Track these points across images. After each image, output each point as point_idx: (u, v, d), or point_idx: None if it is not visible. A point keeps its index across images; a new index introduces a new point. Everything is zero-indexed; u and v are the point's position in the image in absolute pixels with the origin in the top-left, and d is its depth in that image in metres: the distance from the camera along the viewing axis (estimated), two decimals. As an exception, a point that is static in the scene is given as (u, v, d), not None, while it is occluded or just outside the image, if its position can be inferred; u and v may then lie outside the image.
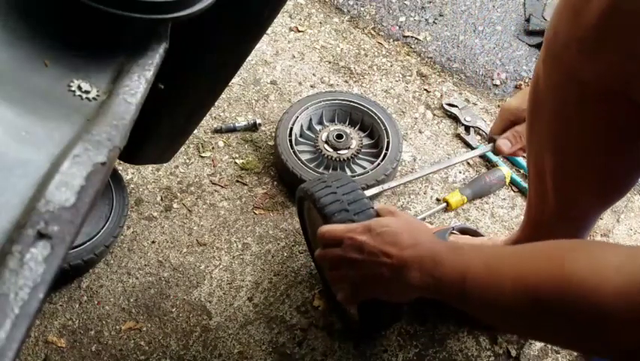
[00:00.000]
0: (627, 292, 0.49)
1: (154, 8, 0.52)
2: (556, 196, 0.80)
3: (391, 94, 1.38)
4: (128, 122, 0.48)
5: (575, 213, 0.83)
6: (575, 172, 0.76)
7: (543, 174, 0.80)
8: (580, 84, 0.65)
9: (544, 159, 0.78)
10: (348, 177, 0.91)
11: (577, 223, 0.85)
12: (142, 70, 0.52)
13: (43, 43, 0.52)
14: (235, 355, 1.00)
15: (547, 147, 0.77)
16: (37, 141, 0.44)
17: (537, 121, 0.77)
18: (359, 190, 0.88)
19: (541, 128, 0.76)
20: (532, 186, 0.86)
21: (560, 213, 0.82)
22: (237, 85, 1.36)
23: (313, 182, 0.92)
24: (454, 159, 1.16)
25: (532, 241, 0.89)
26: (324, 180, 0.91)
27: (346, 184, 0.88)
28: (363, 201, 0.86)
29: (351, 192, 0.87)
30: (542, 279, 0.56)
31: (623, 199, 1.23)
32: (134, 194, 1.17)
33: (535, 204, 0.87)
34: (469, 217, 1.19)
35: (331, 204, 0.86)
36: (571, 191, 0.79)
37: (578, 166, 0.75)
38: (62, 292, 1.04)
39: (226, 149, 1.25)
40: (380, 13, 1.56)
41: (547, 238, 0.87)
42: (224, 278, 1.08)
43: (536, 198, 0.86)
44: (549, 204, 0.82)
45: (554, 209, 0.82)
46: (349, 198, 0.86)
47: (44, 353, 0.97)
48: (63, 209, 0.39)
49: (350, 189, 0.87)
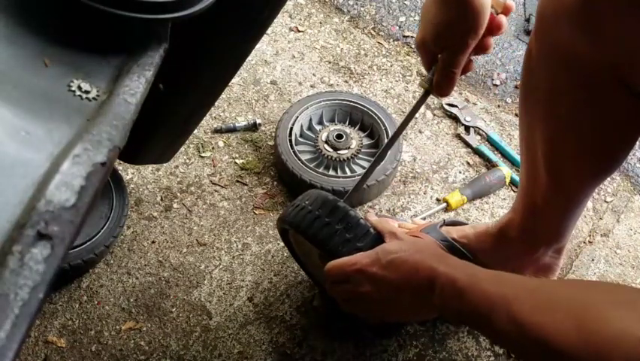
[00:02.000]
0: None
1: (154, 8, 0.52)
2: (547, 173, 0.79)
3: (391, 94, 1.38)
4: (128, 122, 0.48)
5: (567, 189, 0.82)
6: (566, 147, 0.75)
7: (534, 150, 0.79)
8: (571, 59, 0.65)
9: (535, 135, 0.77)
10: (332, 200, 0.85)
11: (567, 202, 0.83)
12: (142, 70, 0.52)
13: (43, 43, 0.52)
14: (235, 355, 1.00)
15: (538, 123, 0.76)
16: (37, 141, 0.44)
17: (529, 97, 0.76)
18: (351, 212, 0.83)
19: (532, 103, 0.75)
20: (524, 163, 0.84)
21: (552, 190, 0.81)
22: (237, 85, 1.36)
23: (297, 214, 0.85)
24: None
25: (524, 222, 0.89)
26: (310, 210, 0.84)
27: (336, 209, 0.83)
28: (360, 224, 0.82)
29: (345, 217, 0.82)
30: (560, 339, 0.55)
31: (623, 199, 1.23)
32: (134, 194, 1.17)
33: (526, 182, 0.86)
34: (469, 217, 1.19)
35: (330, 238, 0.81)
36: (562, 166, 0.78)
37: (570, 141, 0.74)
38: (62, 292, 1.04)
39: (226, 149, 1.25)
40: (380, 13, 1.56)
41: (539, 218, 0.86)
42: (224, 278, 1.08)
43: (527, 176, 0.85)
44: (540, 181, 0.81)
45: (545, 187, 0.81)
46: (345, 224, 0.81)
47: (44, 353, 0.97)
48: (63, 209, 0.39)
49: (342, 213, 0.82)
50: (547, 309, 0.59)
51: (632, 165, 1.29)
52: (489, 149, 1.28)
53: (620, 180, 1.27)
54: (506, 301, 0.62)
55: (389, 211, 1.19)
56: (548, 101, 0.72)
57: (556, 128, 0.74)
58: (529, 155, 0.82)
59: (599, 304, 0.56)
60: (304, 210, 0.85)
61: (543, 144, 0.77)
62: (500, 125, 1.34)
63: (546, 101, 0.73)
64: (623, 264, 1.15)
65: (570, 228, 0.89)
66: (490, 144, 1.31)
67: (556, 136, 0.75)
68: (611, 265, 1.14)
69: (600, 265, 1.14)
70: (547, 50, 0.68)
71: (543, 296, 0.62)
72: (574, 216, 0.87)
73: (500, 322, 0.62)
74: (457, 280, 0.68)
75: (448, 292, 0.69)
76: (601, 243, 1.17)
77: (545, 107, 0.73)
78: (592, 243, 1.17)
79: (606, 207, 1.22)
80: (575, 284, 0.65)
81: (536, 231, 0.90)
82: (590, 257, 1.15)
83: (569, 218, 0.87)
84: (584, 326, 0.53)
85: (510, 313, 0.61)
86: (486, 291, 0.65)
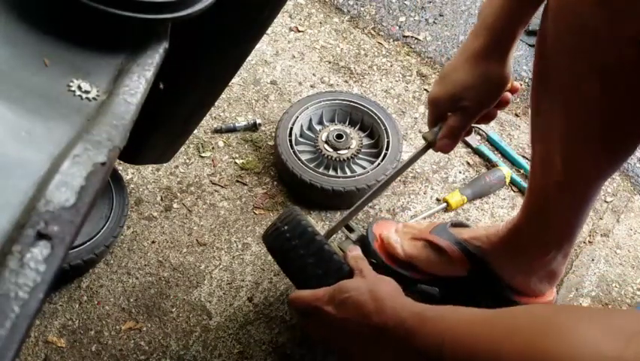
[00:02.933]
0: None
1: (154, 8, 0.52)
2: (562, 160, 0.77)
3: (391, 94, 1.38)
4: (128, 122, 0.48)
5: (580, 179, 0.79)
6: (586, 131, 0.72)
7: (549, 137, 0.77)
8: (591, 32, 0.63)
9: (552, 121, 0.75)
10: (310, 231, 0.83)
11: (580, 193, 0.81)
12: (142, 70, 0.52)
13: (43, 43, 0.52)
14: (235, 355, 1.00)
15: (557, 109, 0.74)
16: (37, 141, 0.44)
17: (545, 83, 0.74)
18: (326, 247, 0.82)
19: (549, 89, 0.73)
20: (537, 152, 0.82)
21: (565, 178, 0.79)
22: (237, 85, 1.36)
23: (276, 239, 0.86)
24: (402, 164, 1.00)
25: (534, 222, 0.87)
26: (288, 238, 0.84)
27: (312, 242, 0.82)
28: (333, 260, 0.81)
29: (318, 251, 0.81)
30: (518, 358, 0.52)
31: (623, 199, 1.23)
32: (134, 194, 1.17)
33: (539, 173, 0.83)
34: (469, 217, 1.19)
35: (302, 270, 0.81)
36: (579, 153, 0.76)
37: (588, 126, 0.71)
38: (62, 292, 1.04)
39: (226, 149, 1.25)
40: (380, 13, 1.56)
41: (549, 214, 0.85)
42: (224, 278, 1.08)
43: (541, 166, 0.82)
44: (555, 169, 0.79)
45: (560, 175, 0.79)
46: (318, 258, 0.81)
47: (44, 353, 0.97)
48: (63, 209, 0.39)
49: (316, 247, 0.81)
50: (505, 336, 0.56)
51: (632, 165, 1.29)
52: (489, 149, 1.28)
53: (620, 180, 1.27)
54: (457, 335, 0.60)
55: (389, 211, 1.19)
56: (568, 86, 0.70)
57: (577, 112, 0.71)
58: (543, 143, 0.79)
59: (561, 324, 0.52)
60: (282, 235, 0.85)
61: (562, 131, 0.74)
62: (500, 125, 1.34)
63: (565, 85, 0.70)
64: (623, 264, 1.15)
65: (579, 227, 0.87)
66: (490, 144, 1.31)
67: (577, 121, 0.72)
68: (611, 265, 1.14)
69: (600, 265, 1.14)
70: (566, 33, 0.66)
71: (498, 322, 0.59)
72: (584, 212, 0.85)
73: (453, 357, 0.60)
74: (405, 320, 0.67)
75: (397, 332, 0.67)
76: (601, 243, 1.17)
77: (565, 92, 0.71)
78: (592, 243, 1.17)
79: (606, 207, 1.22)
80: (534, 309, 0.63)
81: (547, 230, 0.88)
82: (590, 257, 1.15)
83: (580, 214, 0.85)
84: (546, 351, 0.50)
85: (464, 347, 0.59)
86: (435, 326, 0.64)
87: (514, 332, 0.55)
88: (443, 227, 0.99)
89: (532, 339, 0.52)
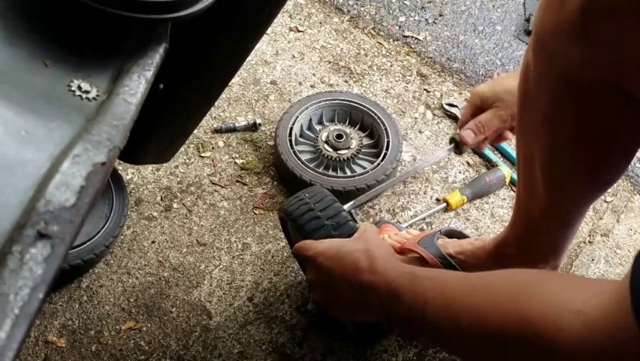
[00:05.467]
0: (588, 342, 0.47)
1: (154, 8, 0.52)
2: (545, 188, 0.79)
3: (391, 94, 1.38)
4: (128, 122, 0.48)
5: (566, 204, 0.81)
6: (566, 162, 0.74)
7: (532, 165, 0.78)
8: (571, 74, 0.64)
9: (533, 150, 0.77)
10: (324, 192, 0.90)
11: (566, 217, 0.83)
12: (142, 70, 0.52)
13: (43, 43, 0.52)
14: (235, 355, 1.00)
15: (536, 138, 0.75)
16: (37, 141, 0.44)
17: (527, 111, 0.76)
18: (343, 212, 0.87)
19: (531, 118, 0.75)
20: (522, 178, 0.84)
21: (549, 205, 0.81)
22: (237, 85, 1.36)
23: (291, 200, 0.91)
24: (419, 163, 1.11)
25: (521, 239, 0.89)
26: (301, 198, 0.89)
27: (323, 199, 0.87)
28: (348, 225, 0.85)
29: (335, 215, 0.86)
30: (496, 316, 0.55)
31: (623, 199, 1.23)
32: (134, 194, 1.17)
33: (524, 197, 0.86)
34: (469, 217, 1.19)
35: (316, 231, 0.85)
36: (560, 182, 0.77)
37: (569, 157, 0.73)
38: (62, 292, 1.04)
39: (226, 149, 1.25)
40: (380, 13, 1.56)
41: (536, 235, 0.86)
42: (224, 278, 1.08)
43: (525, 191, 0.84)
44: (538, 196, 0.81)
45: (543, 202, 0.81)
46: (334, 222, 0.85)
47: (44, 353, 0.97)
48: (63, 209, 0.39)
49: (334, 211, 0.86)
50: (483, 292, 0.59)
51: (632, 165, 1.29)
52: (489, 149, 1.28)
53: (620, 180, 1.27)
54: (440, 291, 0.63)
55: (389, 211, 1.19)
56: (548, 117, 0.72)
57: (556, 143, 0.73)
58: (526, 170, 0.81)
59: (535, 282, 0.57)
60: (302, 201, 0.89)
61: (542, 160, 0.76)
62: (500, 125, 1.34)
63: (546, 117, 0.72)
64: (623, 264, 1.15)
65: (567, 244, 0.89)
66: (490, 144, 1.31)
67: (557, 151, 0.74)
68: (611, 265, 1.14)
69: (600, 265, 1.14)
70: (547, 67, 0.67)
71: (478, 281, 0.62)
72: (571, 232, 0.86)
73: (434, 315, 0.62)
74: (392, 280, 0.69)
75: (384, 291, 0.69)
76: (601, 243, 1.17)
77: (545, 123, 0.73)
78: (592, 243, 1.17)
79: (606, 207, 1.22)
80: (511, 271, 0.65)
81: (534, 248, 0.89)
82: (590, 257, 1.15)
83: (567, 235, 0.86)
84: (518, 302, 0.54)
85: (444, 301, 0.61)
86: (422, 285, 0.66)
87: (492, 290, 0.59)
88: (431, 238, 0.99)
89: (507, 296, 0.56)
